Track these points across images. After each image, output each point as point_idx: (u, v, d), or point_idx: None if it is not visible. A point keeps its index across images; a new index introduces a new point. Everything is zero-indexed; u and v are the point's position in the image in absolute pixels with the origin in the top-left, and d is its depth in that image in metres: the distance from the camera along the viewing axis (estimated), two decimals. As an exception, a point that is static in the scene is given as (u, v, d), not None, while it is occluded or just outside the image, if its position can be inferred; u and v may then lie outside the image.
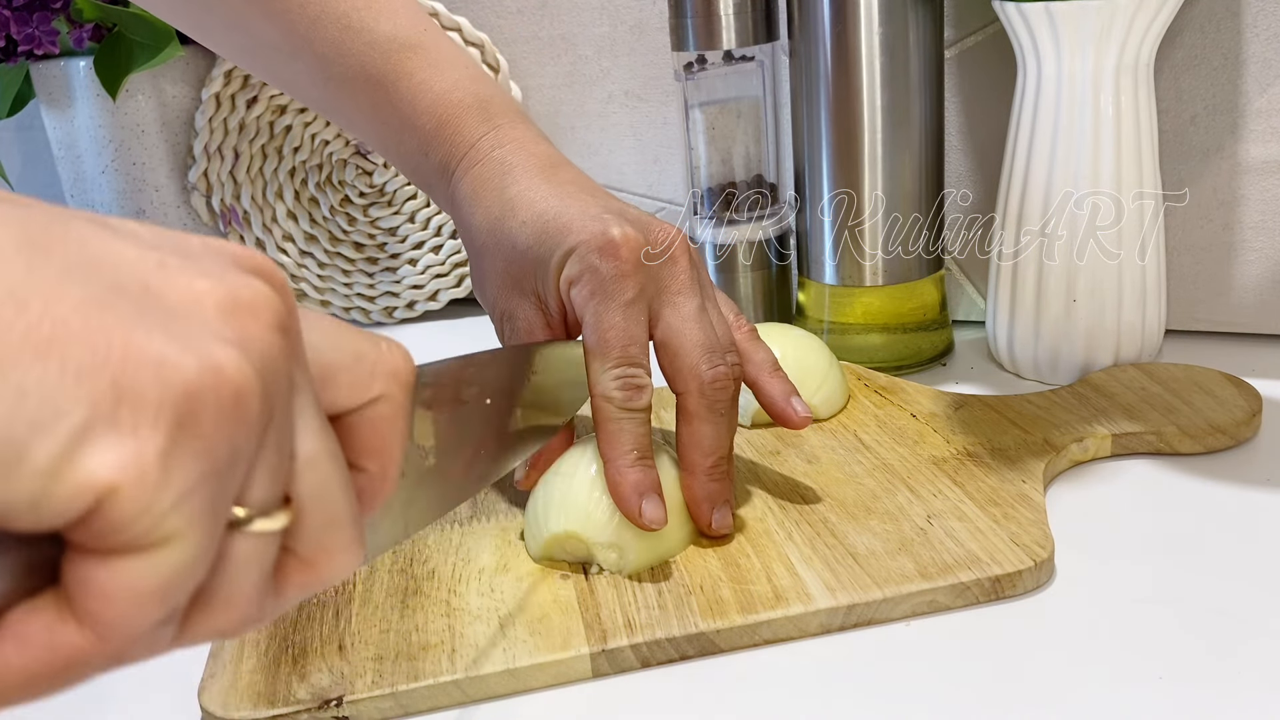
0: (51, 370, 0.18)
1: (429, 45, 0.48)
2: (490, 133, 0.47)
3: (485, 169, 0.47)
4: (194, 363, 0.19)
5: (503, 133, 0.47)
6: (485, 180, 0.46)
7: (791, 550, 0.43)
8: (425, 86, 0.47)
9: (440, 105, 0.47)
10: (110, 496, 0.18)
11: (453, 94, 0.47)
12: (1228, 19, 0.58)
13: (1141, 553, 0.43)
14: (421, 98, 0.47)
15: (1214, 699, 0.35)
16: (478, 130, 0.47)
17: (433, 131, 0.47)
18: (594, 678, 0.39)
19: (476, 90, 0.48)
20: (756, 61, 0.63)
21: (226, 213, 0.79)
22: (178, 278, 0.20)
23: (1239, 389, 0.53)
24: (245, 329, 0.20)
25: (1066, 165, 0.55)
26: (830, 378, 0.55)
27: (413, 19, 0.48)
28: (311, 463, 0.22)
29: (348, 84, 0.48)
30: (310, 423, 0.22)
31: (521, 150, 0.47)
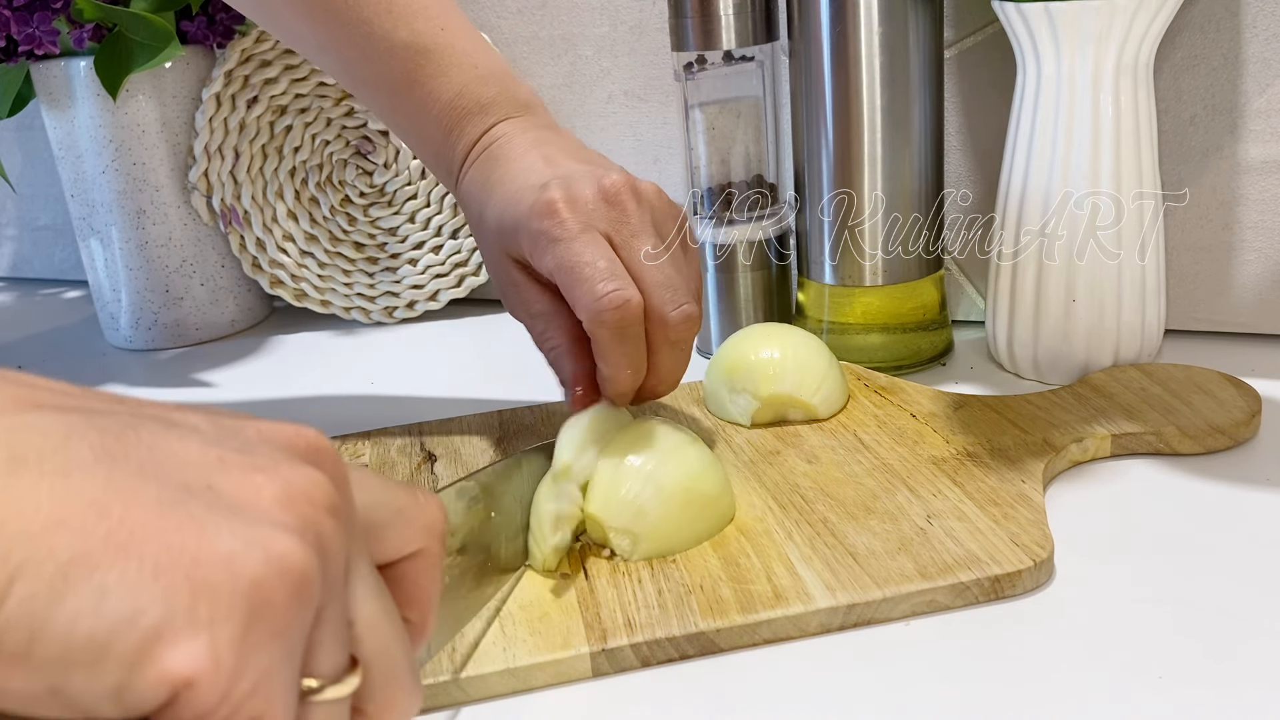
0: (130, 570, 0.19)
1: (442, 48, 0.49)
2: (484, 134, 0.49)
3: (476, 170, 0.49)
4: (260, 555, 0.20)
5: (496, 129, 0.49)
6: (475, 179, 0.49)
7: (791, 550, 0.43)
8: (433, 96, 0.49)
9: (446, 113, 0.49)
10: (188, 688, 0.19)
11: (458, 101, 0.49)
12: (1227, 19, 0.58)
13: (1141, 553, 0.43)
14: (431, 106, 0.49)
15: (1214, 699, 0.35)
16: (475, 132, 0.49)
17: (441, 138, 0.50)
18: (594, 677, 0.39)
19: (479, 94, 0.50)
20: (756, 61, 0.63)
21: (226, 213, 0.79)
22: (237, 474, 0.22)
23: (1239, 389, 0.53)
24: (303, 516, 0.22)
25: (1066, 165, 0.55)
26: (830, 378, 0.55)
27: (430, 20, 0.50)
28: (372, 625, 0.23)
29: (369, 87, 0.51)
30: (368, 587, 0.24)
31: (508, 143, 0.49)
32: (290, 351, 0.78)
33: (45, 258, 1.02)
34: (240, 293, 0.82)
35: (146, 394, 0.72)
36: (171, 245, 0.78)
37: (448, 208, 0.79)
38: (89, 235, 0.79)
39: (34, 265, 1.03)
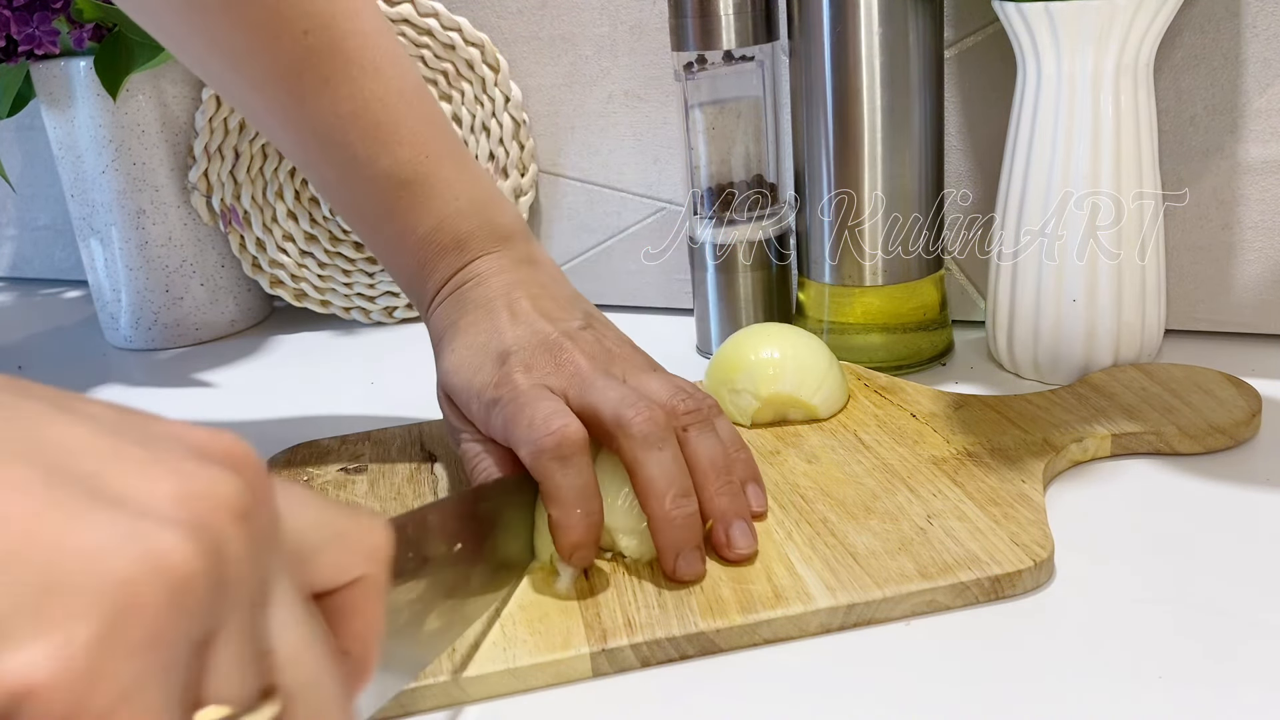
0: None
1: (422, 179, 0.48)
2: (457, 272, 0.49)
3: (445, 309, 0.49)
4: (135, 550, 0.18)
5: (470, 268, 0.49)
6: (443, 318, 0.49)
7: (791, 550, 0.43)
8: (410, 229, 0.48)
9: (422, 247, 0.49)
10: (29, 699, 0.16)
11: (434, 235, 0.49)
12: (1227, 19, 0.58)
13: (1141, 553, 0.43)
14: (407, 238, 0.49)
15: (1213, 699, 0.35)
16: (448, 270, 0.49)
17: (415, 270, 0.50)
18: (594, 677, 0.39)
19: (457, 227, 0.49)
20: (756, 61, 0.63)
21: (226, 213, 0.79)
22: (131, 465, 0.19)
23: (1239, 389, 0.53)
24: (199, 516, 0.19)
25: (1066, 165, 0.55)
26: (830, 378, 0.55)
27: (415, 148, 0.48)
28: (295, 655, 0.21)
29: (348, 211, 0.51)
30: (289, 610, 0.21)
31: (478, 286, 0.48)
32: (290, 351, 0.78)
33: (45, 258, 1.02)
34: (240, 293, 0.82)
35: (147, 394, 0.72)
36: (171, 245, 0.78)
37: (448, 208, 0.79)
38: (89, 235, 0.79)
39: (34, 265, 1.03)
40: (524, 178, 0.78)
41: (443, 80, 0.76)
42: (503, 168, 0.77)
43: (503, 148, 0.77)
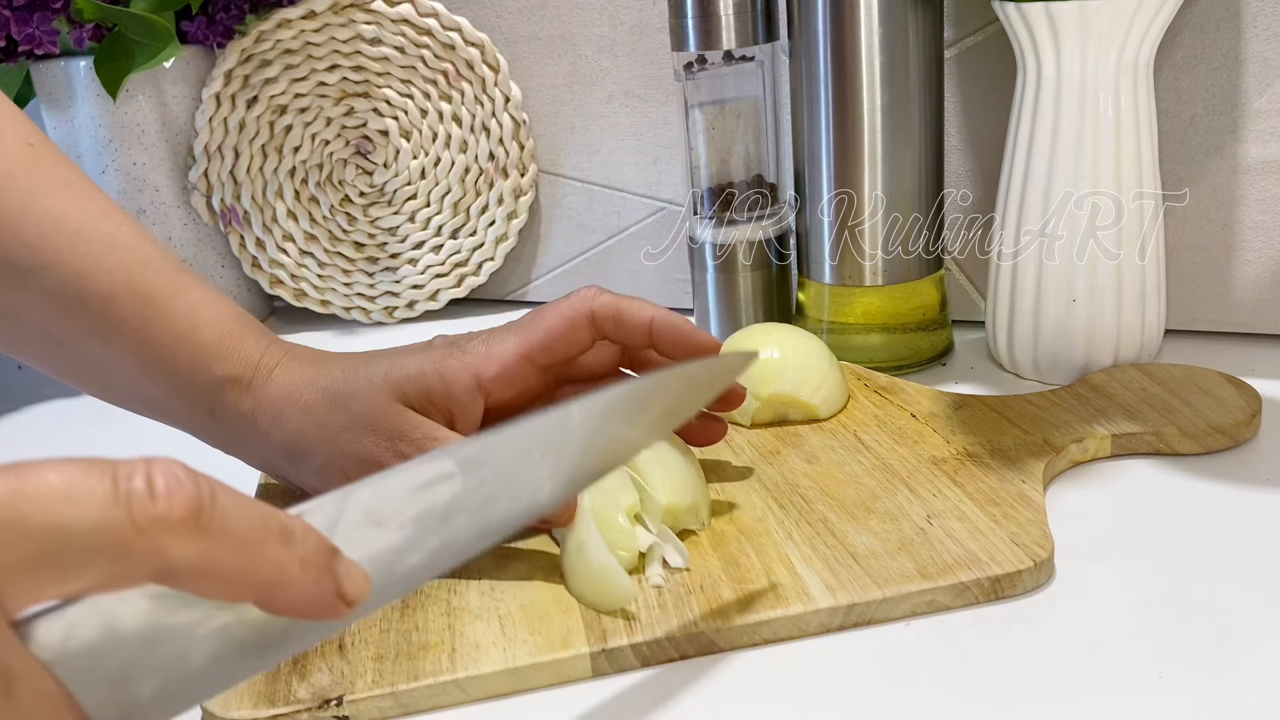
0: None
1: (195, 273, 0.48)
2: (274, 343, 0.47)
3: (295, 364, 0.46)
4: None
5: (284, 343, 0.48)
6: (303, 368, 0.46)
7: (791, 550, 0.43)
8: (203, 303, 0.46)
9: (222, 319, 0.46)
10: None
11: (230, 310, 0.47)
12: (1227, 19, 0.58)
13: (1141, 553, 0.43)
14: (201, 312, 0.46)
15: (1214, 699, 0.35)
16: (263, 341, 0.47)
17: (216, 344, 0.46)
18: (594, 677, 0.39)
19: (247, 314, 0.48)
20: (756, 61, 0.63)
21: (226, 213, 0.79)
22: None
23: (1239, 389, 0.53)
24: None
25: (1066, 165, 0.55)
26: (830, 378, 0.55)
27: (173, 253, 0.48)
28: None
29: (108, 301, 0.45)
30: None
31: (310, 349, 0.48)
32: (290, 351, 0.78)
33: (45, 258, 1.02)
34: (240, 293, 0.82)
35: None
36: (171, 245, 0.78)
37: (448, 208, 0.79)
38: (89, 235, 0.79)
39: (34, 265, 1.03)
40: (524, 178, 0.78)
41: (443, 80, 0.76)
42: (503, 168, 0.77)
43: (503, 148, 0.77)
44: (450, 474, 0.30)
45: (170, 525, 0.21)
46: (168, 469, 0.21)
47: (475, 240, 0.79)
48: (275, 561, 0.23)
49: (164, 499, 0.21)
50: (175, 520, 0.21)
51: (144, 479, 0.21)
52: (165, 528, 0.21)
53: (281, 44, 0.75)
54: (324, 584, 0.24)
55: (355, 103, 0.77)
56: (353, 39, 0.76)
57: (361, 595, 0.25)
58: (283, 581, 0.23)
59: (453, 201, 0.79)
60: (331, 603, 0.24)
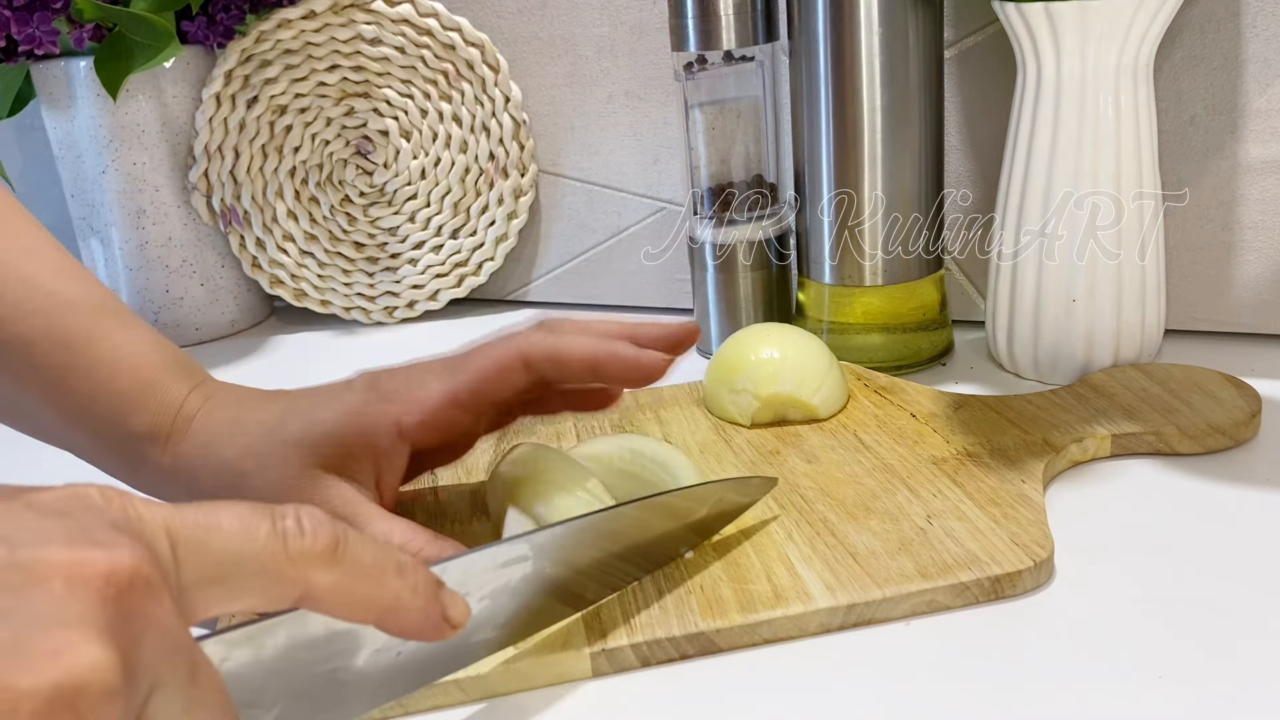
0: None
1: (122, 310, 0.45)
2: (197, 387, 0.45)
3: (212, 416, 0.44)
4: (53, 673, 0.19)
5: (208, 385, 0.45)
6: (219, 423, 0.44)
7: (791, 550, 0.43)
8: (123, 350, 0.44)
9: (143, 367, 0.44)
10: None
11: (152, 355, 0.45)
12: (1227, 19, 0.58)
13: (1141, 553, 0.43)
14: (121, 359, 0.44)
15: (1214, 699, 0.35)
16: (184, 388, 0.44)
17: (134, 394, 0.44)
18: (594, 677, 0.39)
19: (176, 353, 0.46)
20: (756, 61, 0.63)
21: (226, 212, 0.79)
22: None
23: (1238, 389, 0.53)
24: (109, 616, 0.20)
25: (1066, 165, 0.55)
26: (830, 378, 0.55)
27: (101, 288, 0.46)
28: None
29: (28, 347, 0.43)
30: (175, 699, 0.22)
31: (234, 391, 0.45)
32: (290, 351, 0.78)
33: (45, 258, 1.02)
34: (240, 293, 0.82)
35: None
36: (171, 245, 0.78)
37: (448, 208, 0.79)
38: (89, 235, 0.79)
39: (34, 265, 1.03)
40: (524, 178, 0.78)
41: (443, 80, 0.76)
42: (503, 168, 0.77)
43: (503, 148, 0.77)
44: (524, 556, 0.36)
45: (314, 557, 0.25)
46: (312, 514, 0.26)
47: (475, 240, 0.79)
48: (393, 589, 0.27)
49: (310, 535, 0.25)
50: (318, 553, 0.25)
51: (294, 520, 0.25)
52: (310, 559, 0.25)
53: (281, 44, 0.75)
54: (432, 609, 0.28)
55: (355, 103, 0.77)
56: (353, 39, 0.76)
57: (463, 619, 0.29)
58: (399, 606, 0.27)
59: (453, 201, 0.79)
60: (438, 625, 0.29)
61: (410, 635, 0.29)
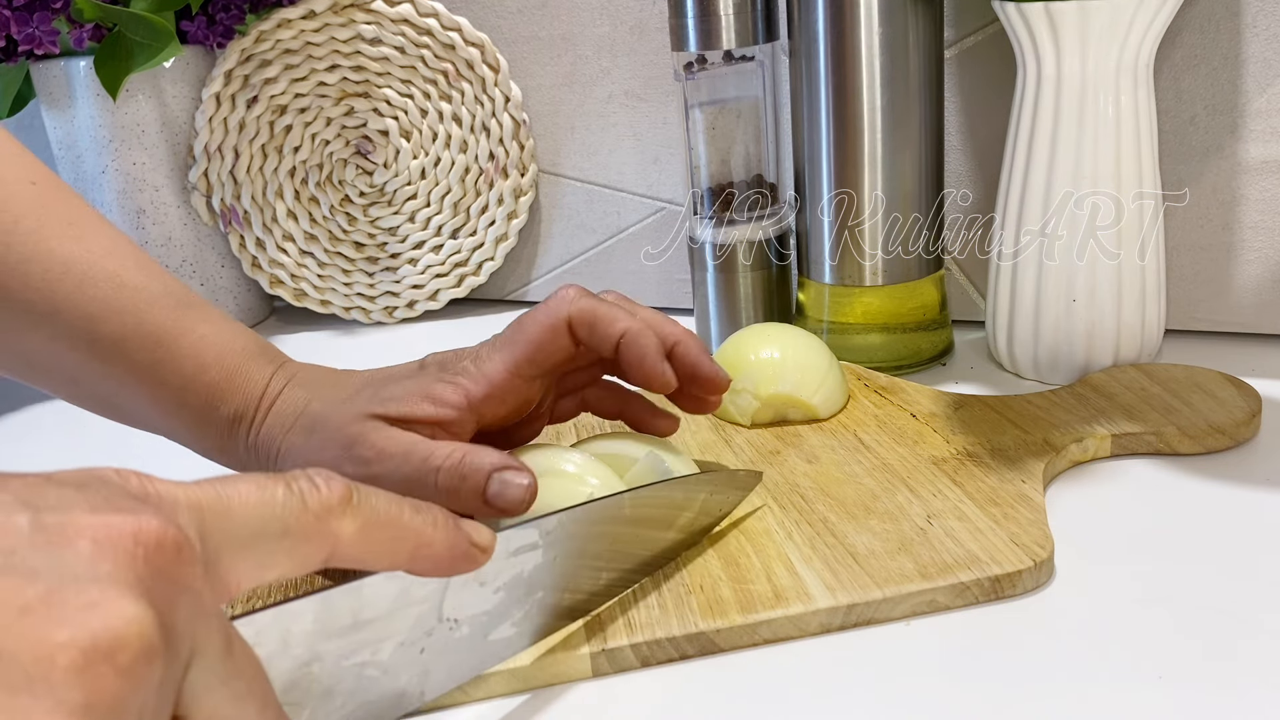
0: None
1: (200, 302, 0.47)
2: (280, 369, 0.47)
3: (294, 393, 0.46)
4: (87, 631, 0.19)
5: (289, 366, 0.47)
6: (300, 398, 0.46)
7: (791, 550, 0.43)
8: (208, 341, 0.46)
9: (228, 356, 0.46)
10: None
11: (235, 343, 0.47)
12: (1227, 19, 0.58)
13: (1141, 553, 0.43)
14: (207, 351, 0.46)
15: (1214, 699, 0.35)
16: (267, 371, 0.46)
17: (223, 383, 0.46)
18: (594, 677, 0.39)
19: (255, 338, 0.48)
20: (756, 61, 0.63)
21: (226, 213, 0.79)
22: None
23: (1239, 389, 0.53)
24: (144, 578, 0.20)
25: (1066, 165, 0.55)
26: (830, 378, 0.55)
27: (176, 281, 0.48)
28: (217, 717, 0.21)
29: (120, 344, 0.45)
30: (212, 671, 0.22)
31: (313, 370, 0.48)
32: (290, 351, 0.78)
33: (45, 258, 1.02)
34: (240, 293, 0.82)
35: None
36: (171, 245, 0.78)
37: (448, 207, 0.79)
38: (89, 235, 0.79)
39: (34, 265, 1.03)
40: (524, 178, 0.78)
41: (443, 80, 0.76)
42: (503, 168, 0.77)
43: (503, 148, 0.77)
44: (535, 544, 0.36)
45: (333, 508, 0.26)
46: (320, 471, 0.26)
47: (475, 240, 0.79)
48: (414, 526, 0.28)
49: (325, 488, 0.26)
50: (335, 504, 0.26)
51: (307, 479, 0.26)
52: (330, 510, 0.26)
53: (281, 44, 0.75)
54: (458, 538, 0.29)
55: (355, 103, 0.77)
56: (353, 39, 0.76)
57: (489, 543, 0.30)
58: (425, 541, 0.28)
59: (453, 201, 0.79)
60: (468, 552, 0.29)
61: (443, 569, 0.29)
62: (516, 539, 0.36)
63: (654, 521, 0.42)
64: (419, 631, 0.33)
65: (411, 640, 0.32)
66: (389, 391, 0.44)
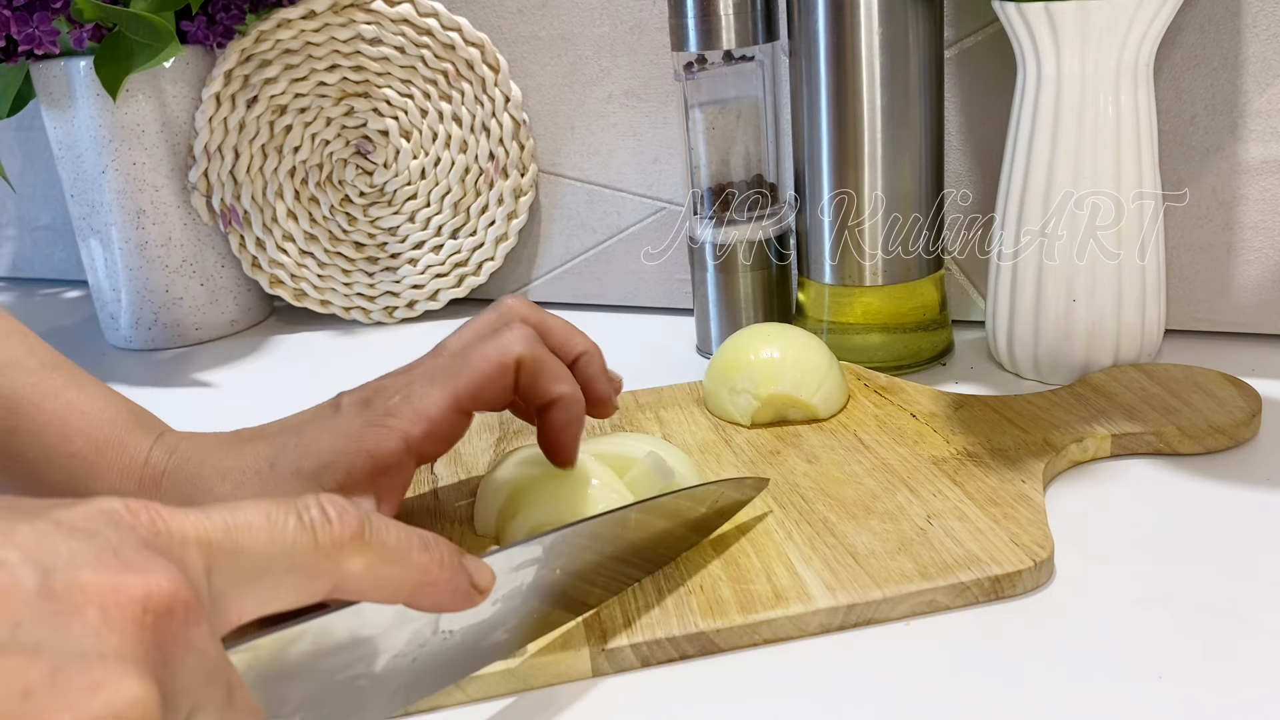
0: None
1: (72, 366, 0.43)
2: (159, 440, 0.42)
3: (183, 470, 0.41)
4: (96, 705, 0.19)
5: (169, 437, 0.43)
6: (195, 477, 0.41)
7: (791, 550, 0.43)
8: (75, 406, 0.41)
9: (97, 424, 0.41)
10: None
11: (106, 411, 0.41)
12: (1227, 19, 0.58)
13: (1141, 553, 0.43)
14: (72, 418, 0.41)
15: (1214, 699, 0.35)
16: (145, 443, 0.42)
17: (92, 455, 0.41)
18: (594, 677, 0.39)
19: (129, 406, 0.43)
20: (756, 61, 0.63)
21: (226, 213, 0.79)
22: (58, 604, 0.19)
23: (1239, 389, 0.53)
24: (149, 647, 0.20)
25: (1066, 165, 0.55)
26: (830, 378, 0.55)
27: (47, 346, 0.43)
28: None
29: None
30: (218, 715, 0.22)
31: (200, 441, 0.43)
32: (290, 351, 0.78)
33: (45, 258, 1.02)
34: (240, 293, 0.82)
35: (147, 394, 0.72)
36: (171, 245, 0.78)
37: (448, 207, 0.79)
38: (89, 235, 0.79)
39: (34, 265, 1.03)
40: (524, 178, 0.78)
41: (443, 80, 0.76)
42: (503, 168, 0.77)
43: (503, 148, 0.77)
44: (537, 559, 0.36)
45: (343, 545, 0.25)
46: (333, 500, 0.26)
47: (475, 240, 0.79)
48: (420, 564, 0.28)
49: (337, 523, 0.25)
50: (347, 540, 0.25)
51: (319, 510, 0.25)
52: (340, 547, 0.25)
53: (281, 44, 0.75)
54: (460, 578, 0.29)
55: (355, 103, 0.77)
56: (353, 39, 0.76)
57: (488, 585, 0.30)
58: (428, 580, 0.28)
59: (453, 201, 0.79)
60: (467, 593, 0.29)
61: (441, 607, 0.29)
62: (519, 555, 0.36)
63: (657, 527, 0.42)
64: (414, 644, 0.33)
65: (405, 652, 0.32)
66: (313, 456, 0.40)
